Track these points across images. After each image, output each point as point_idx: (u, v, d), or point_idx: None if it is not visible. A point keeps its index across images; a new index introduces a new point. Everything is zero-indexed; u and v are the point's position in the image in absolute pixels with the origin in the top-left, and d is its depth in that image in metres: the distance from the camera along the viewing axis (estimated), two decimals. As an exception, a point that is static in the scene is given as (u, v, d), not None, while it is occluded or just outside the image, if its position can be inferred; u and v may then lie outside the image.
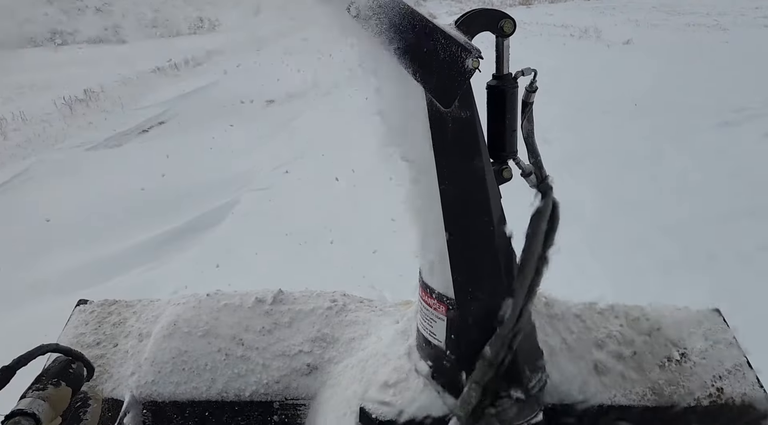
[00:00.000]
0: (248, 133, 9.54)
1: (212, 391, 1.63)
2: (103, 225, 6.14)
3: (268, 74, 13.80)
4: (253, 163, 7.91)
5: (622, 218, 5.03)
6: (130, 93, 14.00)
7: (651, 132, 7.34)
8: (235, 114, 11.01)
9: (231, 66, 15.68)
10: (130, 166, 8.26)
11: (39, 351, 1.39)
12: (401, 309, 1.79)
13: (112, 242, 5.67)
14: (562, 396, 1.42)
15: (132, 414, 1.64)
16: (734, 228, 4.70)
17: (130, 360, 1.73)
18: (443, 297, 1.27)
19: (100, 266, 5.15)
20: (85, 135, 10.78)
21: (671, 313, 1.68)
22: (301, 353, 1.68)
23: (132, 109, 12.64)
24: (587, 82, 10.22)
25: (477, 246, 1.21)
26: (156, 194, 6.82)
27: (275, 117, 10.54)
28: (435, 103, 1.09)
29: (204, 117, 11.02)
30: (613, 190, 5.68)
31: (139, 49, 19.19)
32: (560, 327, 1.58)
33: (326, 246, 5.02)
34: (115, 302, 1.96)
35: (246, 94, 12.28)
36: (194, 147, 8.95)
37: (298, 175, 7.19)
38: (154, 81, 15.34)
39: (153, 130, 11.05)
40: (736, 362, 1.54)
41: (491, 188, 1.20)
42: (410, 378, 1.38)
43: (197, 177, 7.39)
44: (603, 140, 7.15)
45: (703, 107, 8.02)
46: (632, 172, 6.10)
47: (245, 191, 6.82)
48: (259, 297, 1.82)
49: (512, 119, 1.23)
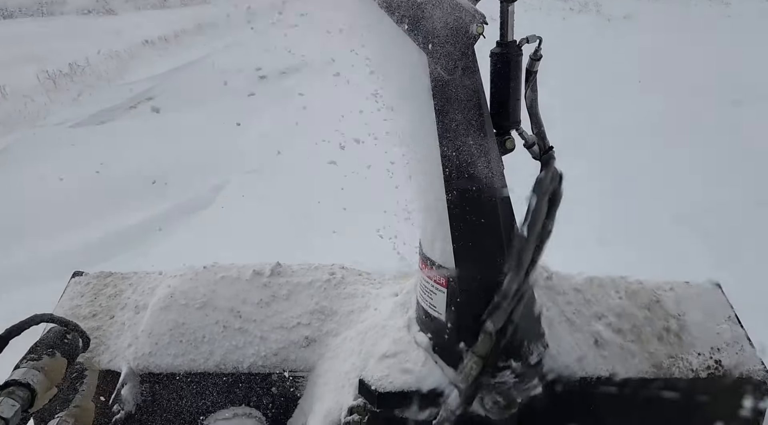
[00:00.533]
0: (239, 109, 9.03)
1: (210, 363, 1.62)
2: (85, 208, 5.76)
3: (261, 49, 12.99)
4: (243, 141, 7.50)
5: (629, 201, 4.72)
6: (118, 67, 13.29)
7: (657, 111, 6.94)
8: (226, 90, 10.49)
9: (223, 39, 14.93)
10: (115, 146, 7.71)
11: (32, 321, 1.37)
12: (400, 282, 1.78)
13: (93, 228, 5.29)
14: (561, 369, 1.42)
15: (129, 386, 1.63)
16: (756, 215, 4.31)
17: (127, 332, 1.72)
18: (443, 269, 1.25)
19: (80, 254, 4.80)
20: (69, 111, 10.13)
21: (671, 287, 1.67)
22: (300, 325, 1.68)
23: (119, 85, 11.93)
24: (588, 57, 9.90)
25: (478, 218, 1.19)
26: (140, 176, 6.39)
27: (267, 93, 10.05)
28: (438, 70, 1.06)
29: (193, 93, 10.48)
30: (620, 171, 5.37)
31: (129, 21, 18.21)
32: (560, 301, 1.57)
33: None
34: (111, 274, 1.94)
35: (237, 70, 11.70)
36: (183, 125, 8.49)
37: (292, 156, 6.70)
38: (143, 54, 14.52)
39: (141, 106, 10.40)
40: (735, 335, 1.54)
41: (494, 159, 1.18)
42: (410, 350, 1.37)
43: (184, 157, 6.94)
44: (605, 121, 6.76)
45: (710, 85, 7.56)
46: (639, 153, 5.76)
47: (234, 174, 6.34)
48: (257, 270, 1.80)
49: (516, 88, 1.20)
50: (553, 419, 1.39)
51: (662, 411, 1.46)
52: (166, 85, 11.50)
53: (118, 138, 8.18)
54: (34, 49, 14.79)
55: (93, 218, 5.52)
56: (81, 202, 5.84)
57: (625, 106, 7.18)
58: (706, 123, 6.44)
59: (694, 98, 7.16)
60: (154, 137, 7.87)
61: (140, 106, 10.28)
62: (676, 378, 1.46)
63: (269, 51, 12.50)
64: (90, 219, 5.49)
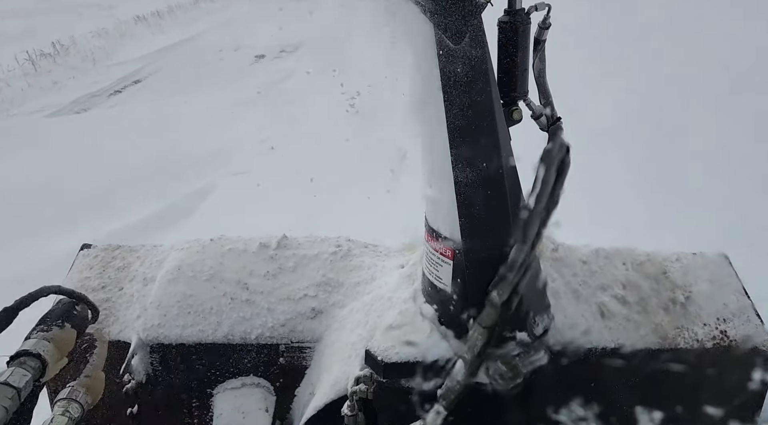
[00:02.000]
0: (232, 95, 8.24)
1: (218, 334, 1.64)
2: (52, 214, 4.87)
3: (260, 25, 12.39)
4: (234, 135, 6.70)
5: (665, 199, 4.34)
6: (105, 46, 12.32)
7: (682, 94, 6.12)
8: (220, 71, 9.65)
9: (220, 14, 14.11)
10: (92, 138, 6.79)
11: (41, 292, 1.38)
12: (406, 254, 1.78)
13: (58, 236, 4.39)
14: (566, 340, 1.43)
15: (139, 356, 1.66)
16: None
17: (136, 303, 1.74)
18: (449, 241, 1.25)
19: (38, 270, 3.67)
20: (47, 97, 9.22)
21: (678, 258, 1.67)
22: (306, 297, 1.69)
23: (105, 66, 11.02)
24: (604, 30, 8.67)
25: (485, 189, 1.18)
26: (115, 176, 5.54)
27: (264, 76, 9.19)
28: (444, 39, 1.04)
29: (184, 75, 9.66)
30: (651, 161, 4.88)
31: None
32: (566, 272, 1.57)
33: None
34: (119, 247, 1.96)
35: (233, 48, 10.92)
36: (169, 113, 7.59)
37: (285, 153, 5.97)
38: (134, 32, 13.51)
39: (127, 90, 9.46)
40: (741, 305, 1.54)
41: (501, 129, 1.16)
42: (415, 321, 1.38)
43: (167, 154, 6.05)
44: (629, 107, 6.04)
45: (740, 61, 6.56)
46: (667, 144, 5.24)
47: (221, 175, 5.59)
48: (264, 242, 1.81)
49: (524, 57, 1.18)
50: (559, 390, 1.40)
51: (668, 382, 1.47)
52: (156, 65, 10.73)
53: (96, 128, 7.29)
54: (19, 25, 13.75)
55: (57, 225, 4.62)
56: (46, 207, 4.99)
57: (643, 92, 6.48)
58: (741, 105, 5.77)
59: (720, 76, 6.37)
60: (136, 128, 7.02)
61: (126, 91, 9.46)
62: (681, 349, 1.46)
63: (269, 26, 11.71)
64: (54, 227, 4.59)
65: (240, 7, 14.89)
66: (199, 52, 11.21)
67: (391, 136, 5.17)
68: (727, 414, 1.39)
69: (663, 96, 5.96)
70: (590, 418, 1.40)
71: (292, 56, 10.32)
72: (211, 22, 13.62)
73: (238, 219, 4.36)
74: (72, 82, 10.22)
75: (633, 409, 1.41)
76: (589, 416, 1.40)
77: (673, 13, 7.24)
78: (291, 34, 11.13)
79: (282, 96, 7.98)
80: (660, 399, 1.44)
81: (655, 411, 1.40)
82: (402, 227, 1.68)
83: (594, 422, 1.39)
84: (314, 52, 10.02)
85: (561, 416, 1.43)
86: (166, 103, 8.20)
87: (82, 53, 11.82)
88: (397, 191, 4.33)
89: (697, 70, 6.26)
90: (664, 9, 6.82)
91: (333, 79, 7.93)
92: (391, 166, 4.77)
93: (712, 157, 4.85)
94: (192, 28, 13.34)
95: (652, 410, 1.40)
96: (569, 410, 1.42)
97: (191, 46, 11.88)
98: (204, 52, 11.08)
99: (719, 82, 5.71)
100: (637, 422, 1.39)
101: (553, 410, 1.42)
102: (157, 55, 11.49)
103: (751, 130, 5.19)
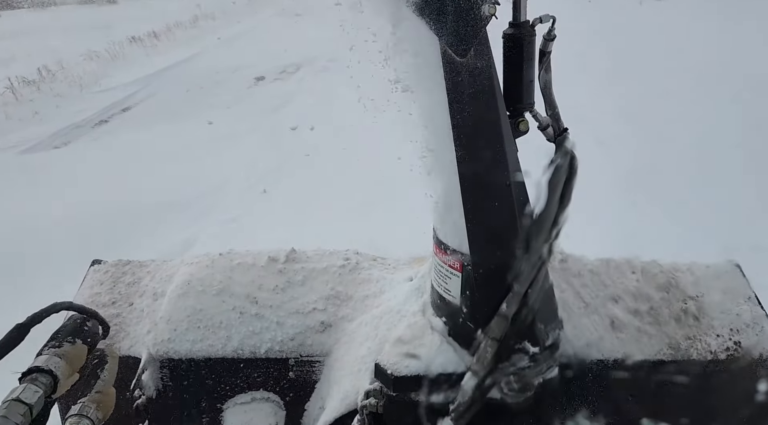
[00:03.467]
0: (225, 124, 7.54)
1: (228, 348, 1.64)
2: (5, 271, 4.28)
3: (260, 44, 11.69)
4: (224, 172, 5.96)
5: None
6: (96, 70, 11.39)
7: (713, 114, 5.82)
8: (215, 96, 8.90)
9: (220, 33, 13.31)
10: (67, 178, 6.09)
11: (53, 308, 1.39)
12: (414, 267, 1.78)
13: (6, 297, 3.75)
14: (577, 351, 1.42)
15: (150, 371, 1.66)
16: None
17: (146, 318, 1.75)
18: (458, 254, 1.25)
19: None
20: (26, 130, 8.39)
21: (689, 268, 1.65)
22: (315, 311, 1.69)
23: (93, 92, 10.17)
24: (620, 46, 8.33)
25: (493, 201, 1.18)
26: (84, 222, 4.92)
27: (262, 101, 8.55)
28: (450, 52, 1.05)
29: (177, 102, 8.94)
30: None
31: (125, 12, 16.24)
32: (576, 283, 1.56)
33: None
34: (129, 262, 1.97)
35: (231, 70, 10.14)
36: (156, 147, 6.90)
37: (280, 197, 5.33)
38: (128, 54, 12.60)
39: (114, 120, 8.64)
40: (755, 315, 1.53)
41: (507, 141, 1.16)
42: (425, 334, 1.37)
43: (146, 196, 5.42)
44: (649, 129, 5.75)
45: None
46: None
47: (204, 224, 4.94)
48: (272, 256, 1.81)
49: (529, 69, 1.18)
50: (570, 402, 1.39)
51: (680, 394, 1.46)
52: (149, 90, 9.89)
53: (72, 166, 6.45)
54: (10, 46, 12.85)
55: (8, 285, 4.01)
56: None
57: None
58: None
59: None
60: (117, 165, 6.26)
61: (113, 120, 8.56)
62: (694, 360, 1.45)
63: (269, 45, 11.01)
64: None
65: (242, 23, 14.30)
66: (194, 75, 10.41)
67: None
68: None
69: (655, 104, 5.89)
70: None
71: (293, 77, 9.73)
72: (210, 42, 12.94)
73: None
74: (55, 111, 9.34)
75: (644, 421, 1.39)
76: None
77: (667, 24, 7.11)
78: (292, 56, 10.52)
79: (281, 124, 7.37)
80: (673, 411, 1.42)
81: (667, 423, 1.38)
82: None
83: None
84: (315, 73, 9.56)
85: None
86: (154, 133, 7.56)
87: (70, 78, 10.89)
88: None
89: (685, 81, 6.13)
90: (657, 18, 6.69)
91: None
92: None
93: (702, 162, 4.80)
94: (190, 48, 12.60)
95: (664, 422, 1.38)
96: (579, 422, 1.41)
97: (187, 68, 11.12)
98: (200, 75, 10.32)
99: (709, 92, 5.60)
100: None
101: (564, 422, 1.40)
102: (150, 78, 10.70)
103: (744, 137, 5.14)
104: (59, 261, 4.06)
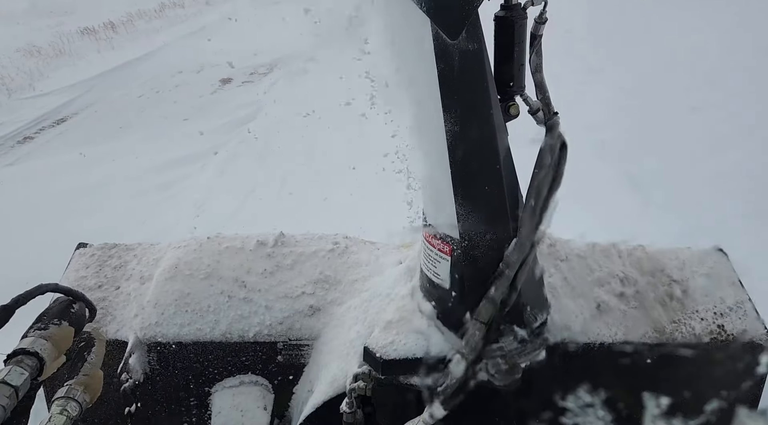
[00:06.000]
0: (176, 145, 5.84)
1: (216, 332, 1.64)
2: None
3: (231, 36, 9.89)
4: (160, 223, 4.41)
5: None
6: (33, 69, 9.39)
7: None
8: (172, 104, 7.39)
9: (189, 23, 11.32)
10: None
11: (38, 290, 1.37)
12: (403, 251, 1.78)
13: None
14: (564, 335, 1.43)
15: (137, 355, 1.65)
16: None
17: (133, 302, 1.74)
18: (447, 238, 1.25)
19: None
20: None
21: (674, 253, 1.67)
22: (304, 295, 1.69)
23: (23, 98, 8.23)
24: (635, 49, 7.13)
25: (483, 185, 1.18)
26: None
27: (225, 110, 7.03)
28: (441, 34, 1.04)
29: (123, 111, 7.37)
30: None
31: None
32: (563, 267, 1.58)
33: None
34: (115, 245, 1.95)
35: (195, 69, 8.47)
36: (87, 176, 5.21)
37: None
38: (76, 49, 10.38)
39: (42, 135, 6.83)
40: (738, 299, 1.55)
41: (498, 125, 1.16)
42: (414, 318, 1.38)
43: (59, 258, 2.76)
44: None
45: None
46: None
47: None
48: (261, 240, 1.81)
49: (521, 52, 1.18)
50: (556, 384, 1.40)
51: (665, 377, 1.48)
52: (92, 96, 8.09)
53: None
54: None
55: None
56: None
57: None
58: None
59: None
60: (29, 204, 4.71)
61: (41, 136, 6.71)
62: (678, 344, 1.47)
63: (240, 38, 9.42)
64: None
65: (212, 11, 12.17)
66: (151, 76, 8.76)
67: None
68: (725, 408, 1.39)
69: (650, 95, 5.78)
70: (587, 412, 1.40)
71: (265, 80, 7.97)
72: (176, 35, 10.71)
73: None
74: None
75: (630, 403, 1.41)
76: (585, 410, 1.41)
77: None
78: (265, 49, 8.81)
79: (247, 145, 5.76)
80: (657, 394, 1.44)
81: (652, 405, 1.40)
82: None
83: (591, 416, 1.39)
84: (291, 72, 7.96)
85: (558, 411, 1.43)
86: (88, 156, 5.78)
87: (1, 80, 8.91)
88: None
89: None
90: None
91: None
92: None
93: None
94: (151, 42, 10.50)
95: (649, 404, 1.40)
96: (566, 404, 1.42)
97: (144, 67, 9.32)
98: (158, 75, 8.71)
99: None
100: (635, 416, 1.40)
101: (551, 405, 1.42)
102: (97, 80, 8.81)
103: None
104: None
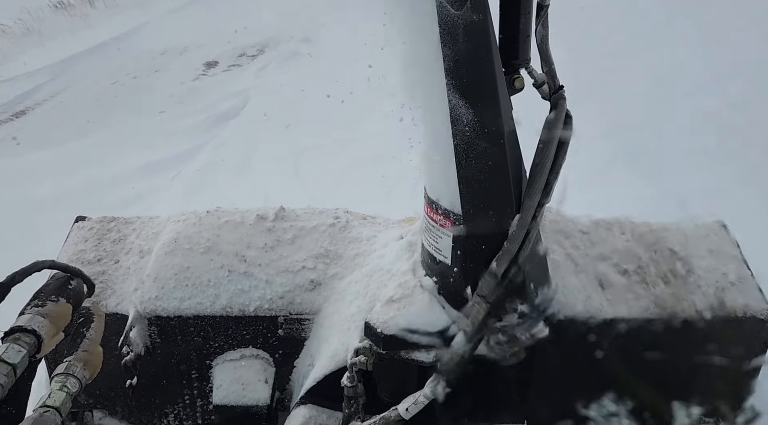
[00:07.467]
0: (146, 147, 4.97)
1: (216, 306, 1.63)
2: None
3: (222, 14, 8.53)
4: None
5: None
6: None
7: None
8: (150, 91, 6.50)
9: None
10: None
11: (34, 267, 1.36)
12: (405, 226, 1.77)
13: None
14: (566, 311, 1.43)
15: (137, 329, 1.65)
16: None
17: (133, 276, 1.73)
18: (449, 213, 1.23)
19: None
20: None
21: (677, 228, 1.66)
22: (305, 269, 1.68)
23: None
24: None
25: (486, 159, 1.16)
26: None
27: (208, 102, 5.95)
28: (445, 4, 1.01)
29: (93, 102, 6.42)
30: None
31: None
32: (566, 243, 1.57)
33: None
34: (114, 219, 1.94)
35: (178, 50, 7.53)
36: (42, 189, 4.33)
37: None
38: (46, 28, 8.98)
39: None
40: (740, 274, 1.54)
41: (502, 98, 1.13)
42: (415, 293, 1.37)
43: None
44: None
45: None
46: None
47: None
48: (261, 214, 1.79)
49: (526, 23, 1.14)
50: (559, 360, 1.40)
51: (667, 352, 1.48)
52: (60, 83, 6.98)
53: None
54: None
55: None
56: None
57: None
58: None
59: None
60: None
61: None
62: (680, 319, 1.47)
63: (232, 17, 8.18)
64: None
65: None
66: (129, 58, 7.71)
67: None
68: (726, 383, 1.40)
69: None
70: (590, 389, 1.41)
71: (253, 63, 6.89)
72: (161, 11, 9.30)
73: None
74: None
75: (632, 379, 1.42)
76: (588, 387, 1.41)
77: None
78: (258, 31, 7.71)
79: (228, 147, 4.80)
80: (659, 369, 1.44)
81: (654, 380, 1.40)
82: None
83: (594, 392, 1.40)
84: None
85: (560, 387, 1.44)
86: (41, 160, 4.93)
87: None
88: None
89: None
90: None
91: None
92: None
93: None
94: (131, 18, 9.14)
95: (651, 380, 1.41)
96: (569, 381, 1.43)
97: (122, 47, 8.15)
98: (137, 58, 7.68)
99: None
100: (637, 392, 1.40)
101: (553, 381, 1.42)
102: (68, 63, 7.68)
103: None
104: None
